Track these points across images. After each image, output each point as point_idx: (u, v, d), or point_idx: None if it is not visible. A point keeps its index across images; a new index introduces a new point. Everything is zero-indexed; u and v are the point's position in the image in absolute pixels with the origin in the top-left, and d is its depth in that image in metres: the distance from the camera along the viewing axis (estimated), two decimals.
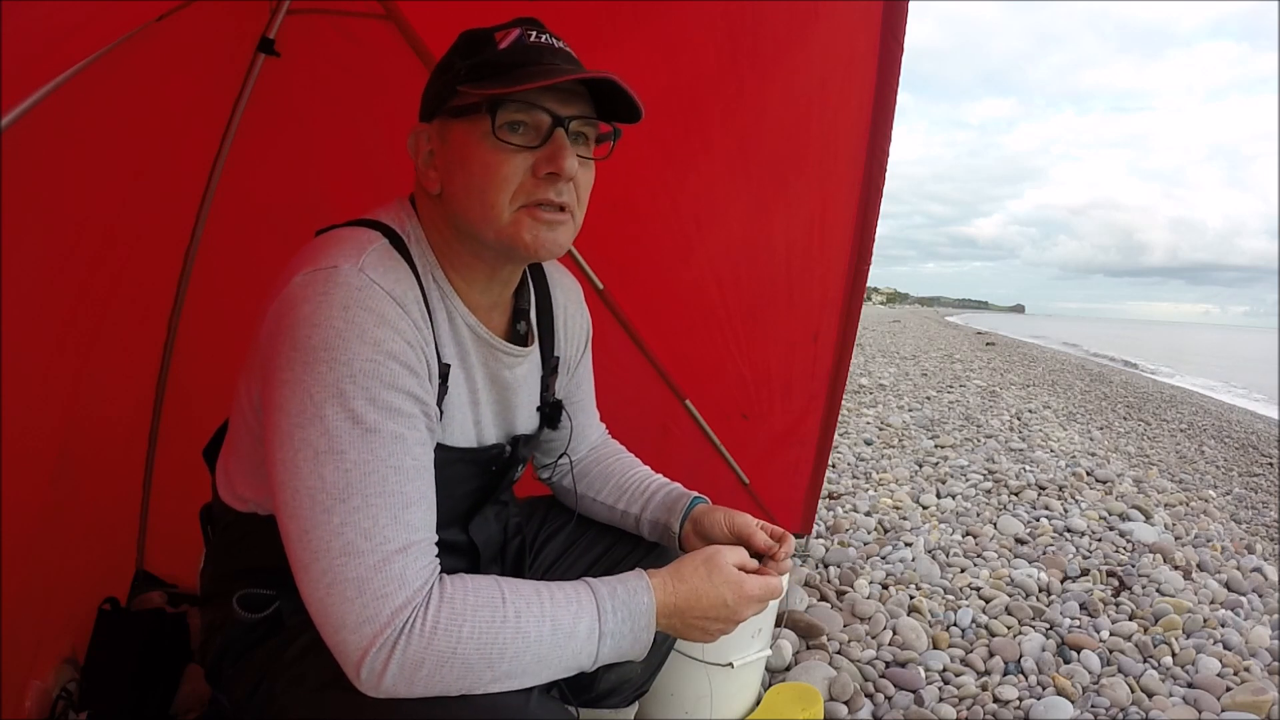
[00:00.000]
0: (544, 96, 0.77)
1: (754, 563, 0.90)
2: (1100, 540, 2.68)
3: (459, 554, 0.96)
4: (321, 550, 0.68)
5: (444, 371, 0.83)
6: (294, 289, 0.72)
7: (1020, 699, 1.71)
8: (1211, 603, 2.25)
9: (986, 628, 2.01)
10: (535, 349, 0.99)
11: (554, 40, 0.81)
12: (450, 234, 0.84)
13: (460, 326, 0.86)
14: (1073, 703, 1.68)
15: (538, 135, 0.78)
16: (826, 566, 2.36)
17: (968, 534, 2.72)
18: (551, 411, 1.04)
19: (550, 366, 1.03)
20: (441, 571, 0.74)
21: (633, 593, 0.79)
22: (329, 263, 0.73)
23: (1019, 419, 5.43)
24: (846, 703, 1.66)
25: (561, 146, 0.77)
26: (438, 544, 0.76)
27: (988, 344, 17.01)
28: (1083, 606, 2.14)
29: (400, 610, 0.68)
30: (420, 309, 0.79)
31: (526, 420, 1.00)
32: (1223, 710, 1.68)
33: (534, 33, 0.80)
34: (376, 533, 0.69)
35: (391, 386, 0.71)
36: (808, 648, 1.87)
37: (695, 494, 1.09)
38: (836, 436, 3.23)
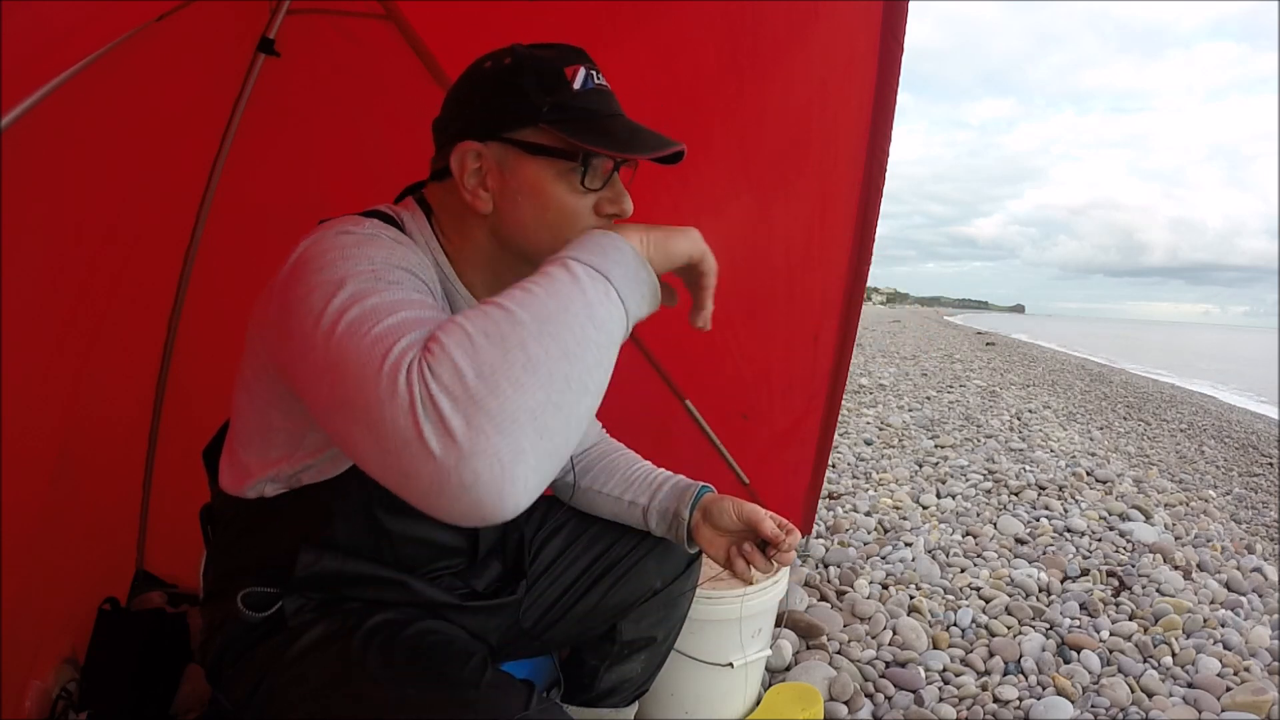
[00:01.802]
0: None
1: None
2: (1100, 540, 2.68)
3: (458, 531, 0.96)
4: (353, 365, 0.61)
5: None
6: (304, 242, 0.75)
7: (1020, 699, 1.71)
8: (1211, 603, 2.25)
9: (986, 628, 2.01)
10: None
11: (603, 80, 0.85)
12: (481, 250, 0.87)
13: (459, 302, 0.88)
14: (1073, 703, 1.68)
15: (601, 178, 0.83)
16: (826, 566, 2.36)
17: (968, 534, 2.72)
18: None
19: None
20: (434, 572, 0.73)
21: (601, 244, 0.71)
22: (336, 228, 0.76)
23: (1019, 419, 5.43)
24: (846, 703, 1.66)
25: (623, 191, 0.86)
26: (432, 542, 0.75)
27: (988, 344, 17.01)
28: (1083, 606, 2.14)
29: (408, 356, 0.60)
30: (424, 259, 0.82)
31: None
32: (1223, 710, 1.68)
33: (594, 73, 0.84)
34: (402, 327, 0.63)
35: (411, 272, 0.73)
36: (808, 648, 1.87)
37: (703, 484, 1.10)
38: (836, 436, 3.23)
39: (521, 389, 0.58)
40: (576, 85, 0.81)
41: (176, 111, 1.40)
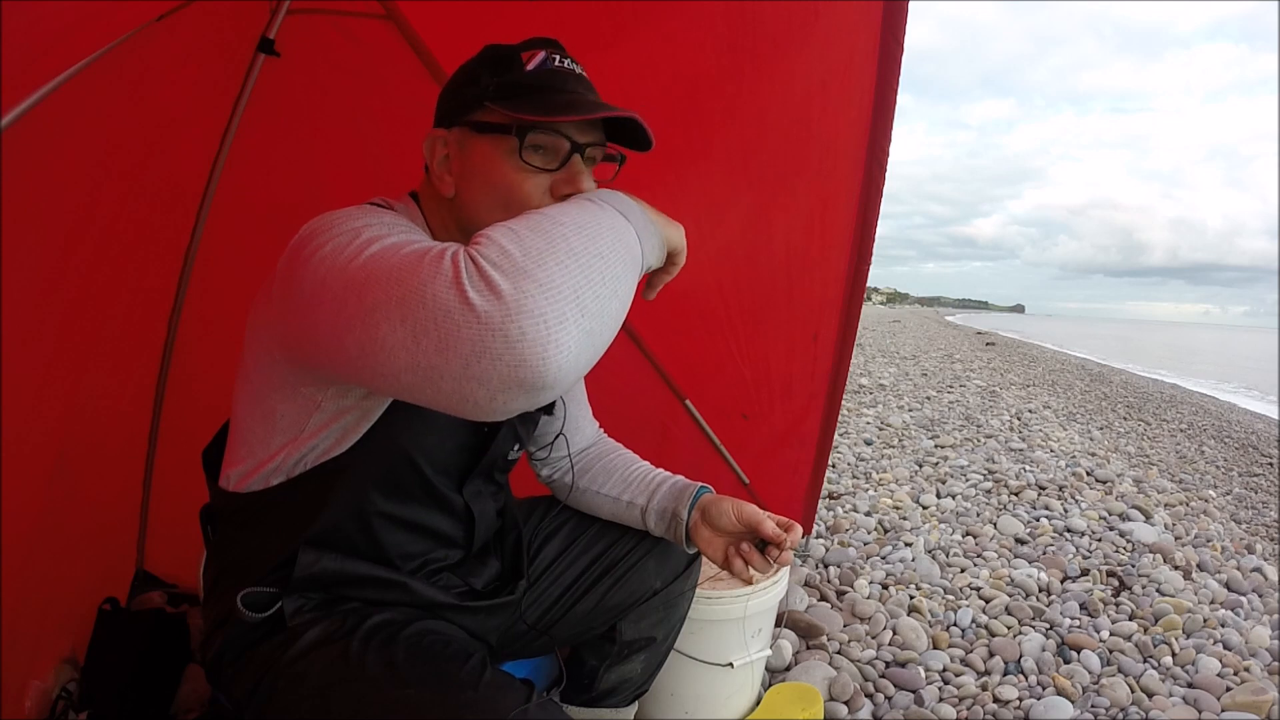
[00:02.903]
0: (564, 124, 0.82)
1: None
2: (1100, 540, 2.68)
3: (453, 516, 0.96)
4: (384, 273, 0.62)
5: None
6: (303, 228, 0.75)
7: (1020, 699, 1.71)
8: (1211, 603, 2.25)
9: (986, 628, 2.01)
10: None
11: (574, 66, 0.86)
12: (455, 231, 0.89)
13: None
14: (1073, 703, 1.68)
15: (556, 159, 0.83)
16: (826, 566, 2.36)
17: (968, 534, 2.72)
18: None
19: None
20: (431, 565, 0.73)
21: (610, 195, 0.77)
22: (332, 213, 0.77)
23: (1019, 419, 5.43)
24: (846, 703, 1.66)
25: (579, 171, 0.84)
26: (427, 529, 0.75)
27: (988, 344, 17.01)
28: (1083, 606, 2.14)
29: (455, 250, 0.61)
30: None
31: None
32: (1223, 710, 1.68)
33: (557, 56, 0.85)
34: (412, 235, 0.68)
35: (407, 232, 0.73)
36: (808, 648, 1.87)
37: (701, 484, 1.10)
38: (836, 436, 3.23)
39: (565, 268, 0.61)
40: (530, 67, 0.83)
41: (176, 111, 1.40)
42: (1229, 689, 1.75)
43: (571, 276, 0.60)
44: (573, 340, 0.59)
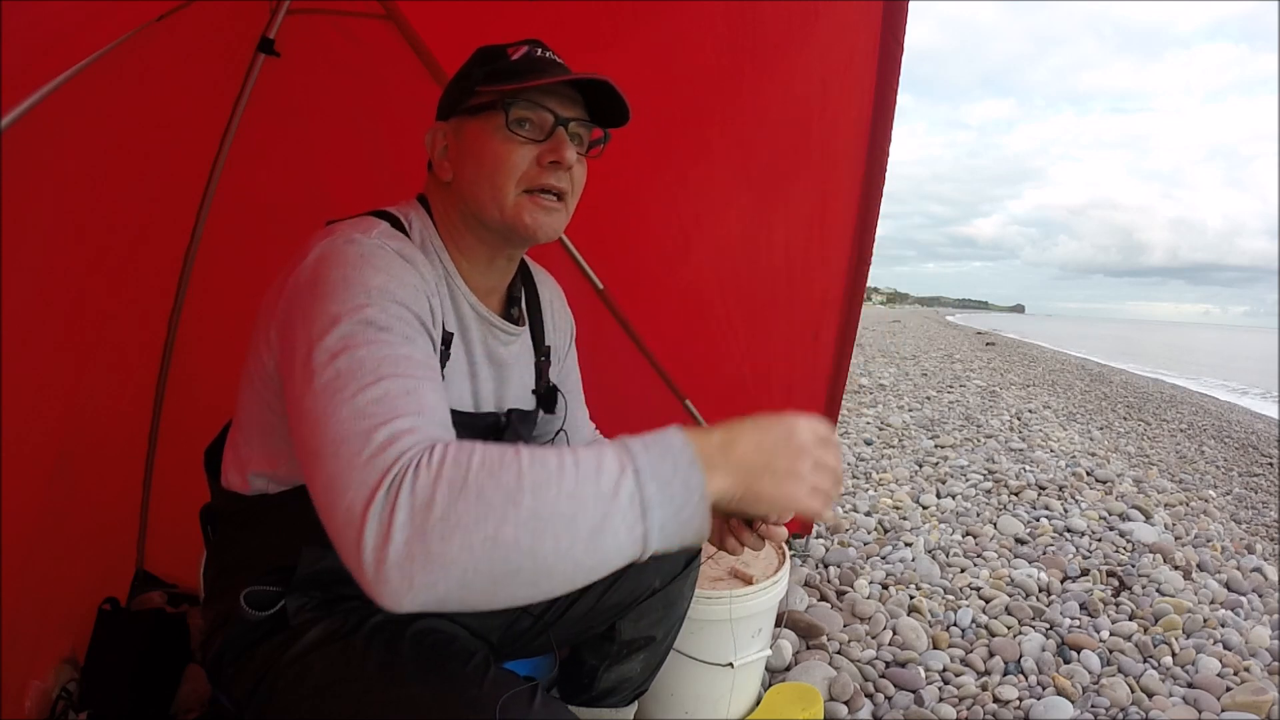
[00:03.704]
0: (548, 99, 0.88)
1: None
2: (1100, 540, 2.68)
3: None
4: (331, 423, 0.64)
5: (446, 339, 0.88)
6: (311, 255, 0.78)
7: (1020, 699, 1.71)
8: (1211, 603, 2.25)
9: (986, 628, 2.01)
10: (526, 331, 1.05)
11: (556, 58, 0.92)
12: (457, 220, 0.92)
13: (461, 303, 0.92)
14: (1073, 703, 1.68)
15: (542, 132, 0.88)
16: (826, 566, 2.36)
17: (968, 534, 2.72)
18: (548, 395, 1.10)
19: (543, 353, 1.09)
20: None
21: (656, 435, 0.65)
22: (344, 236, 0.80)
23: (1019, 419, 5.43)
24: (846, 703, 1.66)
25: (563, 140, 0.88)
26: None
27: (988, 344, 17.01)
28: (1083, 606, 2.14)
29: (407, 451, 0.62)
30: (428, 271, 0.86)
31: (521, 399, 1.05)
32: (1223, 710, 1.68)
33: (540, 49, 0.91)
34: (388, 401, 0.66)
35: (404, 305, 0.75)
36: (808, 648, 1.87)
37: None
38: (836, 436, 3.22)
39: (470, 553, 0.58)
40: (515, 56, 0.89)
41: (176, 111, 1.40)
42: (1229, 689, 1.75)
43: (471, 561, 0.58)
44: (433, 602, 0.59)
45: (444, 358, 0.87)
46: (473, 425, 0.94)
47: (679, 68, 1.53)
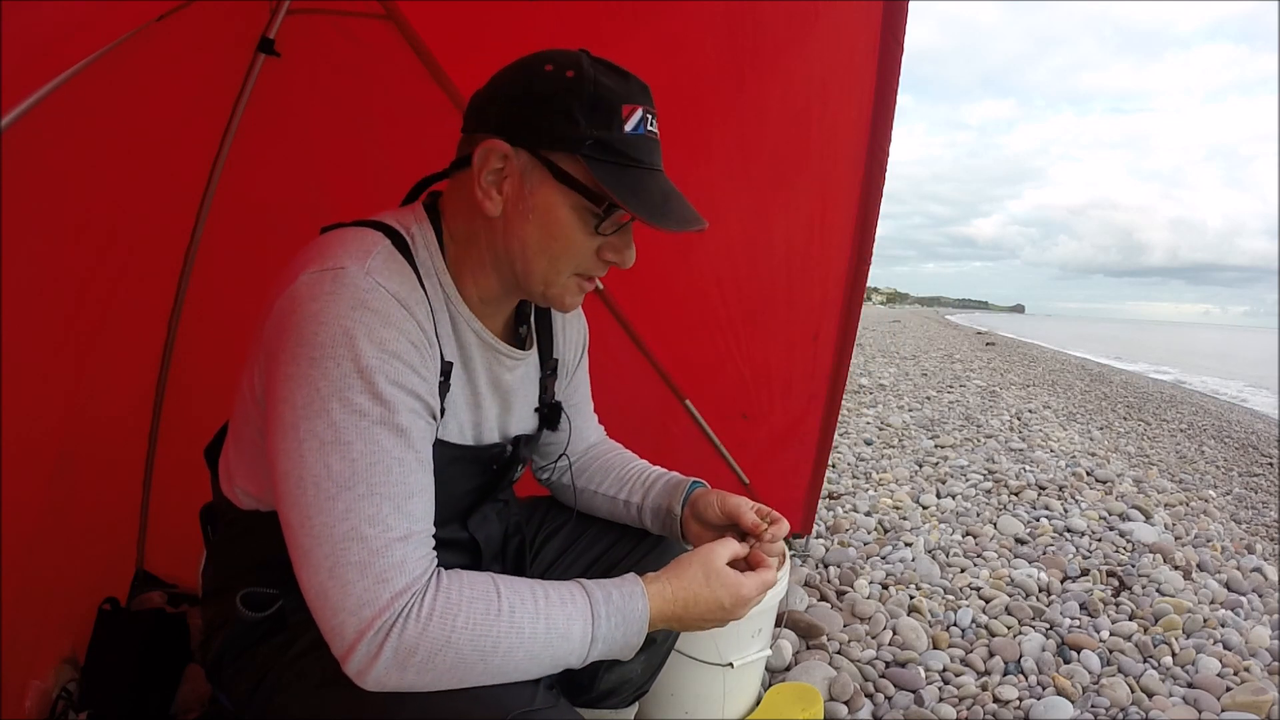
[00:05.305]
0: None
1: (744, 549, 0.91)
2: (1100, 540, 2.68)
3: (461, 551, 0.96)
4: (325, 536, 0.69)
5: (446, 369, 0.84)
6: (301, 286, 0.72)
7: (1020, 699, 1.71)
8: (1211, 603, 2.25)
9: (986, 628, 2.01)
10: (534, 352, 1.00)
11: (655, 126, 0.83)
12: (484, 255, 0.85)
13: (463, 328, 0.87)
14: (1073, 703, 1.68)
15: (615, 225, 0.82)
16: (826, 566, 2.36)
17: (968, 534, 2.72)
18: (550, 413, 1.05)
19: (549, 369, 1.04)
20: (440, 566, 0.74)
21: (627, 598, 0.80)
22: (336, 263, 0.73)
23: (1019, 419, 5.43)
24: (846, 703, 1.66)
25: (630, 243, 0.85)
26: (441, 541, 0.76)
27: (988, 344, 17.01)
28: (1083, 606, 2.14)
29: (400, 595, 0.69)
30: (425, 310, 0.79)
31: (525, 421, 1.01)
32: (1223, 710, 1.68)
33: (650, 116, 0.81)
34: (380, 520, 0.70)
35: (396, 383, 0.72)
36: (808, 648, 1.87)
37: (694, 479, 1.10)
38: (836, 436, 3.23)
39: (439, 683, 0.72)
40: (628, 127, 0.78)
41: (176, 111, 1.40)
42: (1229, 689, 1.75)
43: (442, 683, 0.72)
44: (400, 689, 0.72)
45: (443, 389, 0.83)
46: (476, 458, 0.93)
47: (679, 68, 1.53)
